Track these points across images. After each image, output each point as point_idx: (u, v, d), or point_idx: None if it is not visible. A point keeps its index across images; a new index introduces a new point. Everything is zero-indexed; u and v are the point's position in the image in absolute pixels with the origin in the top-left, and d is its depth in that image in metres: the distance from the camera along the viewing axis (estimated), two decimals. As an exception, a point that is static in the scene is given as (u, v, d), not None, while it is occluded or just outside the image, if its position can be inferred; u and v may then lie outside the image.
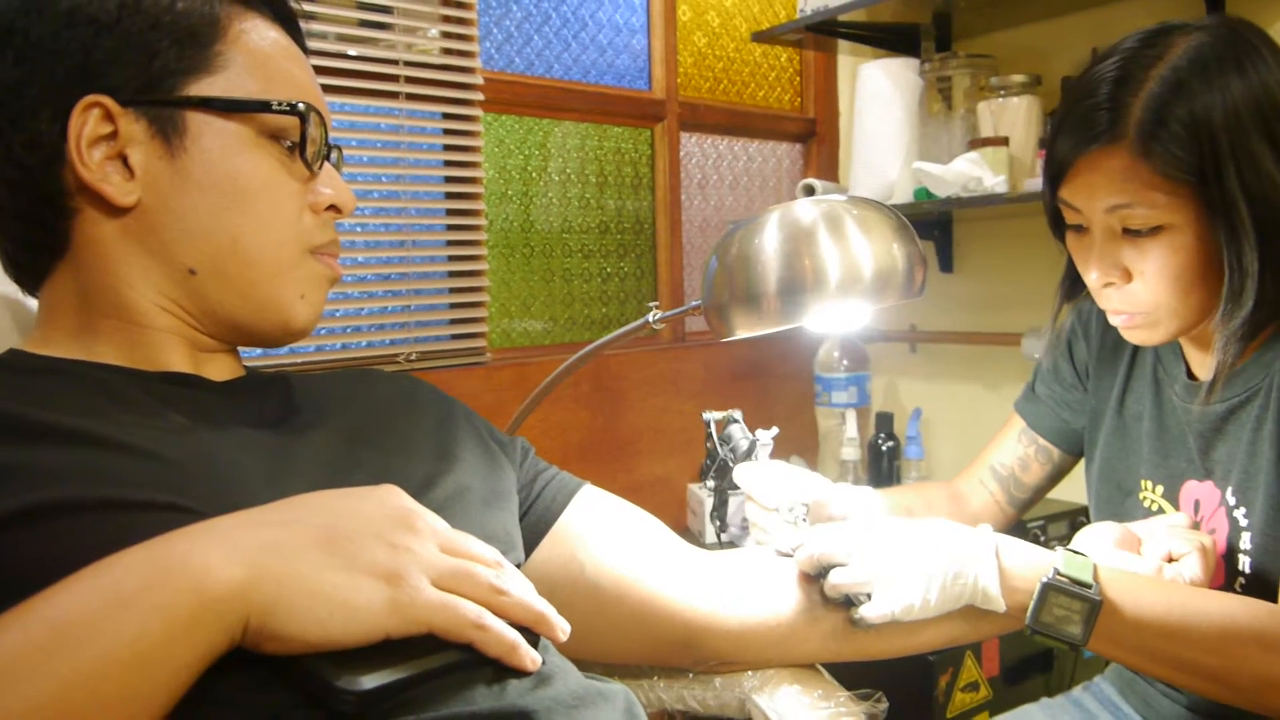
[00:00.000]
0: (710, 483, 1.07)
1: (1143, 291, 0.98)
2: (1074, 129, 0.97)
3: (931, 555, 0.86)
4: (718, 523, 1.14)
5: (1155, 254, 0.95)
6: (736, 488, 1.03)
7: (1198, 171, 0.91)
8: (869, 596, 0.86)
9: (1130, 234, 0.96)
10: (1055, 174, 1.00)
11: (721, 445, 1.06)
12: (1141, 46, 0.95)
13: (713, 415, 1.04)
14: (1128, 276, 0.98)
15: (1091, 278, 1.01)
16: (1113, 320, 1.04)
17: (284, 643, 0.55)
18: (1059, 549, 0.88)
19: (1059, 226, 1.06)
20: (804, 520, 0.98)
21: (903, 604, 0.85)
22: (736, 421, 1.04)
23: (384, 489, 0.64)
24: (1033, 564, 0.87)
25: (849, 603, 0.87)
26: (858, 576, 0.86)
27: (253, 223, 0.74)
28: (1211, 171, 0.90)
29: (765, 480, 1.06)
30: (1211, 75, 0.91)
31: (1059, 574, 0.84)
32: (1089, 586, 0.84)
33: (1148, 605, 0.85)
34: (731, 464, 1.06)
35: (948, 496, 1.28)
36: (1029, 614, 0.85)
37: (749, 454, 1.05)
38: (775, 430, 1.03)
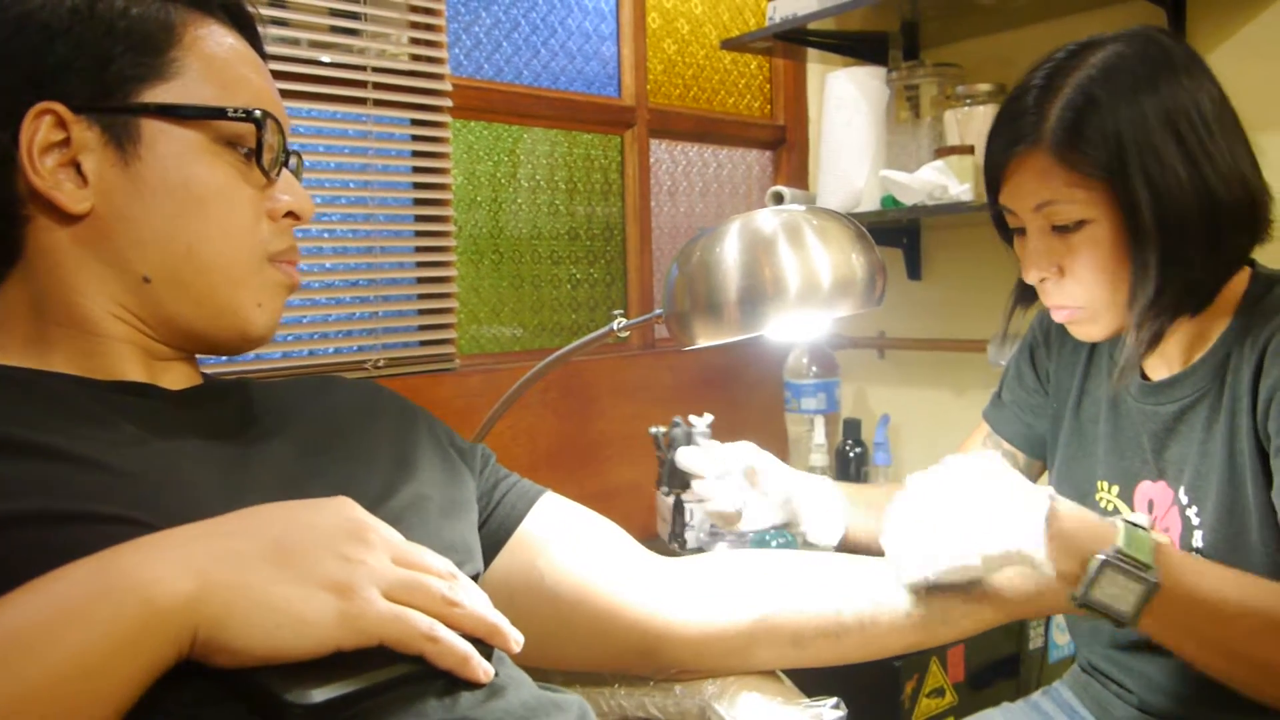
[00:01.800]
0: (664, 488, 1.09)
1: (1075, 285, 1.03)
2: (1002, 134, 1.04)
3: (978, 518, 0.83)
4: (676, 526, 1.14)
5: (1081, 248, 1.01)
6: (687, 485, 1.05)
7: (1106, 168, 0.97)
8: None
9: (1059, 230, 1.02)
10: (991, 180, 1.07)
11: (670, 451, 1.08)
12: (1068, 57, 1.01)
13: (659, 429, 1.07)
14: (1061, 273, 1.03)
15: (1031, 276, 1.06)
16: (1056, 317, 1.08)
17: (233, 655, 0.55)
18: (1119, 520, 0.84)
19: (1007, 232, 1.10)
20: (742, 481, 1.02)
21: (946, 564, 0.84)
22: (678, 425, 1.07)
23: (337, 501, 0.64)
24: (1090, 533, 0.83)
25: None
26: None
27: (209, 230, 0.73)
28: (1119, 169, 0.96)
29: (703, 454, 1.09)
30: (1122, 80, 0.97)
31: (1121, 553, 0.81)
32: (1149, 568, 0.81)
33: (1205, 590, 0.83)
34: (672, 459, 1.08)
35: None
36: (1081, 588, 0.82)
37: (688, 442, 1.07)
38: (709, 417, 1.06)
